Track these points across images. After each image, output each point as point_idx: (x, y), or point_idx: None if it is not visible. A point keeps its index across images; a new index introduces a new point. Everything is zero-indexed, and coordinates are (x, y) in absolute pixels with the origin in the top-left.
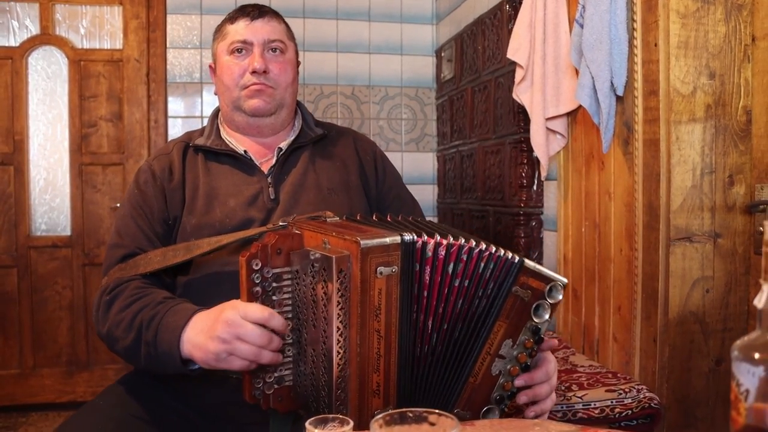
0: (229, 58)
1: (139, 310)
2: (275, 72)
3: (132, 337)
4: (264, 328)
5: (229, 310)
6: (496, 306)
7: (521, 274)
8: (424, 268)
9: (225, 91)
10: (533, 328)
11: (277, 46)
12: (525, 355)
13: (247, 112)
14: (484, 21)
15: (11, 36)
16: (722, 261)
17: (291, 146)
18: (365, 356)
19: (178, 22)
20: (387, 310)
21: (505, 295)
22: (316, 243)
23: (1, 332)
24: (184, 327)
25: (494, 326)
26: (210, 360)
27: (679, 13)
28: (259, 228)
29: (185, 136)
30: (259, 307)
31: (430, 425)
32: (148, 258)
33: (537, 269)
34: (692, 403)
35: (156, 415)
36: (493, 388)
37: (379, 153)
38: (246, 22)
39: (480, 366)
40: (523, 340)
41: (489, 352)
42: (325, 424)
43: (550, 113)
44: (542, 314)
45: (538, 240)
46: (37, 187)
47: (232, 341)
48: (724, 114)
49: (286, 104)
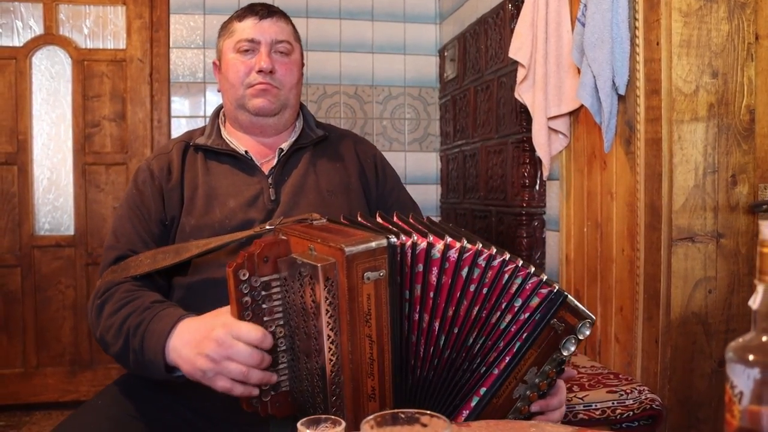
0: (235, 56)
1: (127, 315)
2: (281, 72)
3: (120, 343)
4: (255, 348)
5: (220, 328)
6: (534, 335)
7: (561, 309)
8: (431, 269)
9: (230, 89)
10: (559, 359)
11: (284, 48)
12: (545, 384)
13: (251, 111)
14: (487, 20)
15: (15, 36)
16: (725, 261)
17: (292, 147)
18: (358, 362)
19: (182, 22)
20: (377, 315)
21: (543, 326)
22: (302, 249)
23: (5, 331)
24: (169, 334)
25: (527, 353)
26: (196, 375)
27: (681, 12)
28: (247, 232)
29: (186, 135)
30: (251, 328)
31: (422, 426)
32: (138, 260)
33: (575, 305)
34: (694, 405)
35: (154, 415)
36: (509, 410)
37: (379, 156)
38: (254, 21)
39: (505, 388)
40: (546, 370)
41: (516, 377)
42: (317, 424)
43: (552, 113)
44: (569, 348)
45: (541, 240)
46: (40, 186)
47: (221, 361)
48: (727, 113)
49: (290, 105)
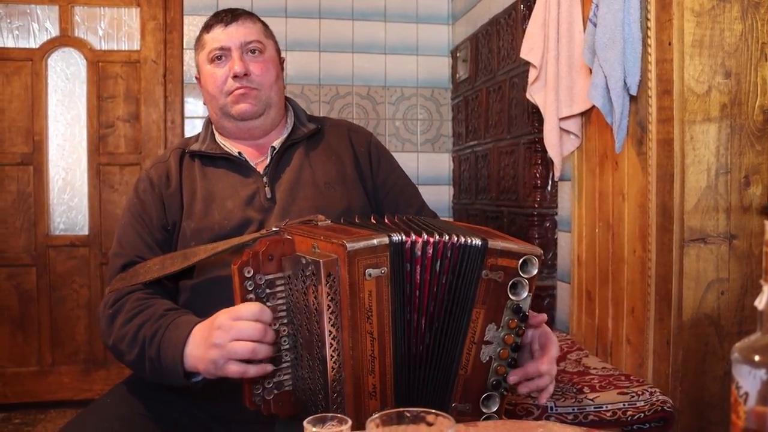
0: (210, 67)
1: (141, 324)
2: (256, 73)
3: (136, 352)
4: (256, 321)
5: (221, 316)
6: (469, 294)
7: (488, 257)
8: (415, 268)
9: (211, 100)
10: (514, 307)
11: (255, 47)
12: (512, 336)
13: (235, 117)
14: (499, 21)
15: (31, 38)
16: (737, 263)
17: (284, 144)
18: (359, 359)
19: (195, 24)
20: (379, 312)
21: (476, 282)
22: (306, 248)
23: (21, 330)
24: (186, 341)
25: (472, 314)
26: (210, 369)
27: (693, 12)
28: (254, 234)
29: (181, 142)
30: (248, 305)
31: (427, 425)
32: (147, 267)
33: (505, 248)
34: (706, 407)
35: (162, 413)
36: (488, 375)
37: (374, 142)
38: (221, 28)
39: (467, 356)
40: (507, 321)
41: (473, 341)
42: (323, 423)
43: (564, 113)
44: (520, 292)
45: (552, 241)
46: (55, 186)
47: (226, 345)
48: (740, 113)
49: (274, 103)
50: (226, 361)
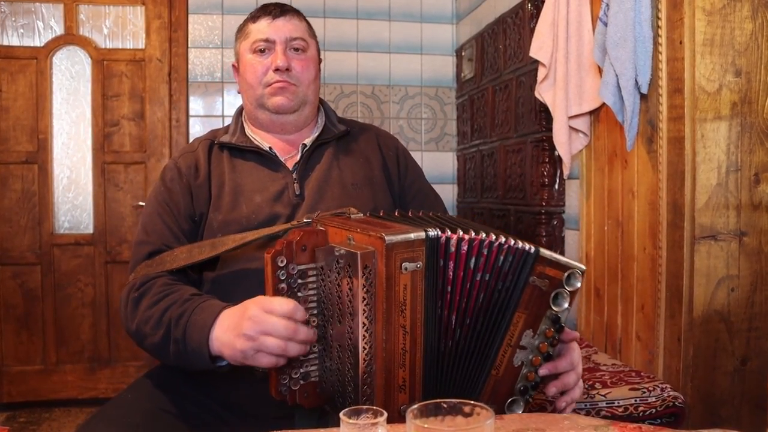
0: (251, 57)
1: (167, 307)
2: (298, 69)
3: (161, 334)
4: (289, 320)
5: (253, 306)
6: (515, 297)
7: (537, 264)
8: (448, 264)
9: (248, 89)
10: (553, 317)
11: (299, 45)
12: (546, 345)
13: (270, 109)
14: (506, 20)
15: (36, 36)
16: (748, 260)
17: (315, 142)
18: (391, 351)
19: (200, 22)
20: (412, 306)
21: (522, 286)
22: (340, 239)
23: (26, 328)
24: (213, 325)
25: (513, 317)
26: (237, 357)
27: (704, 10)
28: (284, 225)
29: (210, 134)
30: (282, 300)
31: (464, 416)
32: (174, 255)
33: (553, 258)
34: (717, 403)
35: (183, 408)
36: (517, 379)
37: (401, 148)
38: (268, 21)
39: (502, 358)
40: (543, 330)
41: (510, 343)
42: (358, 415)
43: (573, 111)
44: (561, 303)
45: (560, 239)
46: (60, 185)
47: (258, 337)
48: (750, 112)
49: (309, 101)
50: (256, 353)
